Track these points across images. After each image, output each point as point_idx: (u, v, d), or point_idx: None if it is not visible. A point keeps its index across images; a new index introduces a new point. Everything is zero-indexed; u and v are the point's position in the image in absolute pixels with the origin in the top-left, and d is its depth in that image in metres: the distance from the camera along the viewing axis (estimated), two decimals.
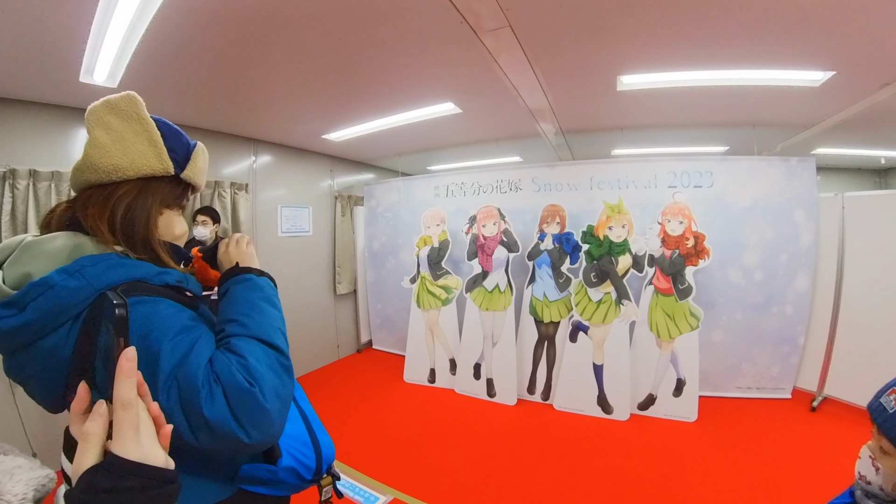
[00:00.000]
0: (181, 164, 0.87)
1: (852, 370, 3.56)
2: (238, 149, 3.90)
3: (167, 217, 0.88)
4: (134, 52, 2.04)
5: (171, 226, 0.89)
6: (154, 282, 0.76)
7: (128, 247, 0.80)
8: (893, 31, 2.04)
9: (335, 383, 4.25)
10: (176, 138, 0.88)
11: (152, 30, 1.86)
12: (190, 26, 1.91)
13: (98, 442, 0.42)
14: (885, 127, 3.87)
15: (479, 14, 1.84)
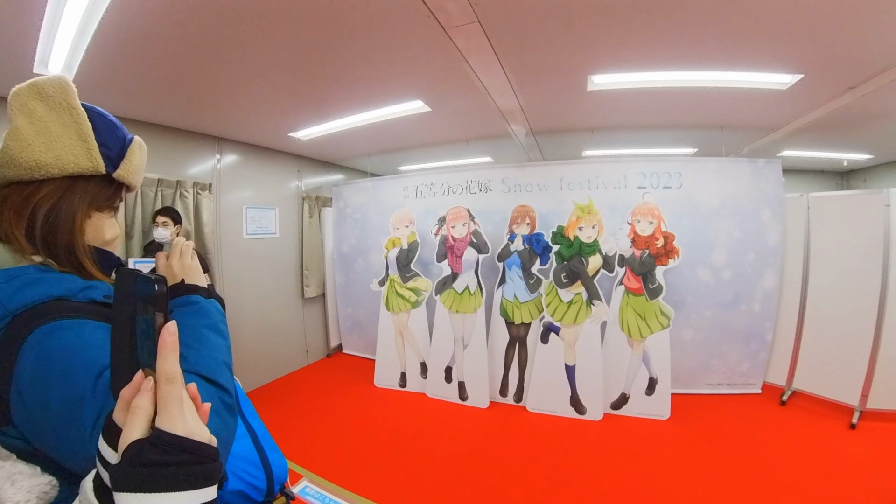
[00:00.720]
0: (114, 161, 0.76)
1: (819, 364, 3.64)
2: (201, 147, 3.72)
3: (96, 221, 0.77)
4: (90, 41, 1.89)
5: (100, 230, 0.78)
6: (78, 298, 0.66)
7: (49, 256, 0.69)
8: (860, 35, 2.05)
9: (304, 390, 4.12)
10: (110, 131, 0.76)
11: (109, 17, 1.72)
12: (149, 15, 1.78)
13: (146, 416, 0.43)
14: (848, 130, 3.96)
15: (447, 9, 1.77)
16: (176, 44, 2.05)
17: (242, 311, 3.98)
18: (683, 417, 3.47)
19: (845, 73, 2.54)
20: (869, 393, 3.32)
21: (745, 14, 1.90)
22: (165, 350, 0.44)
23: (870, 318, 3.30)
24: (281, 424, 3.39)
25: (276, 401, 3.85)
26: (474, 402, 3.71)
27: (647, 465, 2.85)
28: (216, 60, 2.26)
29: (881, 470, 2.73)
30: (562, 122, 3.67)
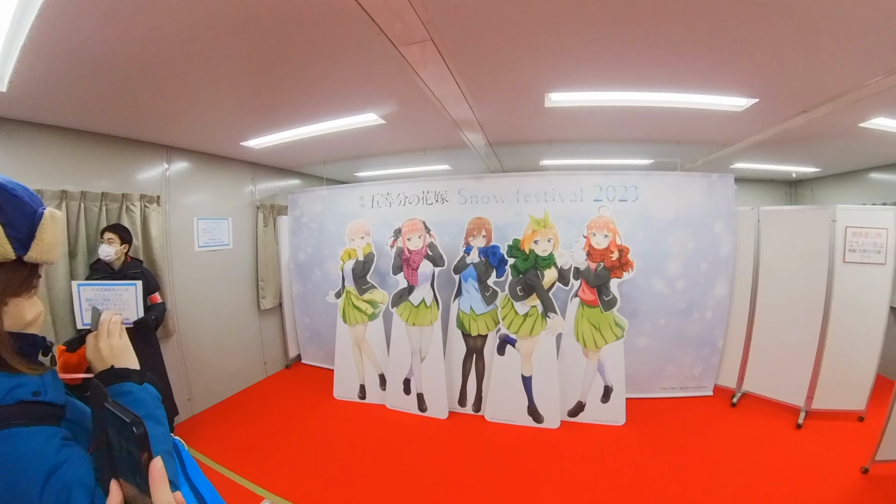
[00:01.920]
0: (24, 242, 0.67)
1: (768, 368, 3.82)
2: (149, 157, 3.49)
3: (13, 307, 0.68)
4: (22, 48, 1.72)
5: (20, 314, 0.70)
6: (5, 402, 0.61)
7: None
8: (813, 63, 2.11)
9: (264, 404, 4.00)
10: (16, 209, 0.67)
11: (42, 22, 1.56)
12: (86, 20, 1.62)
13: None
14: (798, 147, 4.10)
15: (398, 27, 1.70)
16: (119, 53, 1.90)
17: (197, 326, 3.81)
18: (639, 422, 3.58)
19: (798, 98, 2.61)
20: (814, 394, 3.51)
21: (703, 40, 1.91)
22: (158, 483, 0.49)
23: (815, 324, 3.48)
24: (240, 442, 3.30)
25: (234, 416, 3.73)
26: (434, 413, 3.69)
27: (604, 469, 2.95)
28: (163, 69, 2.12)
29: (826, 467, 2.90)
30: (519, 134, 3.65)
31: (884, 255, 3.39)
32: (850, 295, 3.41)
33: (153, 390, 0.83)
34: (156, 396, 0.83)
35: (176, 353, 3.57)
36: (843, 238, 3.41)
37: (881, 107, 2.76)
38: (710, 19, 1.72)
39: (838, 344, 3.42)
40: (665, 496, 2.63)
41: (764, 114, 2.89)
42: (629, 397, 3.65)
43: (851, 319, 3.41)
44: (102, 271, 2.79)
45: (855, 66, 2.09)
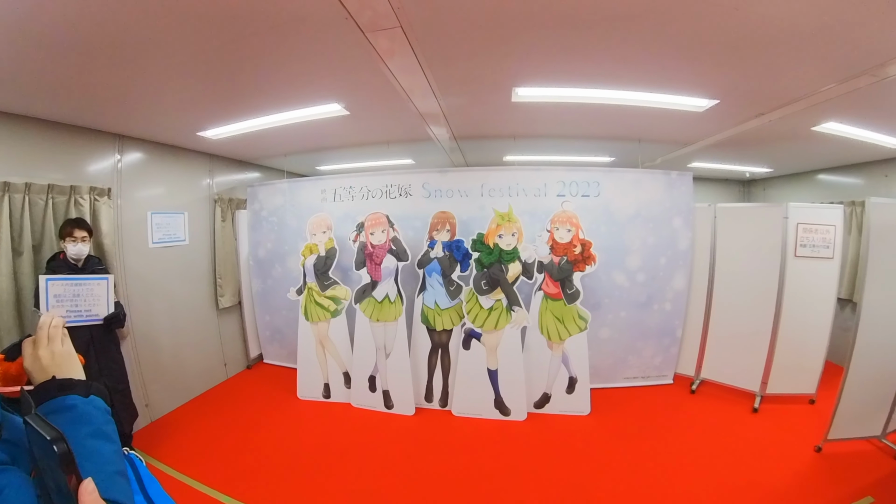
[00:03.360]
0: None
1: (724, 356, 4.01)
2: (99, 146, 3.25)
3: None
4: None
5: None
6: None
7: None
8: (771, 70, 2.20)
9: (225, 407, 3.82)
10: None
11: None
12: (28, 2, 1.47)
13: None
14: (753, 148, 4.27)
15: (367, 11, 1.62)
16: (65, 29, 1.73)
17: (153, 327, 3.60)
18: (603, 411, 3.67)
19: (756, 102, 2.72)
20: (768, 380, 3.71)
21: (669, 43, 1.95)
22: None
23: (768, 314, 3.67)
24: (201, 448, 3.14)
25: (195, 422, 3.53)
26: (400, 409, 3.65)
27: (571, 459, 3.02)
28: (114, 50, 1.96)
29: (782, 447, 3.07)
30: (485, 129, 3.64)
31: (832, 250, 3.63)
32: (801, 287, 3.63)
33: (101, 403, 0.74)
34: (105, 410, 0.75)
35: (130, 355, 3.35)
36: (794, 234, 3.62)
37: (833, 112, 2.91)
38: (678, 22, 1.75)
39: (790, 333, 3.64)
40: (630, 482, 2.72)
41: (723, 115, 2.99)
42: (593, 387, 3.74)
43: (802, 310, 3.63)
44: (65, 269, 2.60)
45: (810, 73, 2.20)
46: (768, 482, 2.67)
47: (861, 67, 2.05)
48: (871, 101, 2.56)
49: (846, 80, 2.21)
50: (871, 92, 2.32)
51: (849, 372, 2.80)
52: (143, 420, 3.39)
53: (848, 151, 4.13)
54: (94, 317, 2.55)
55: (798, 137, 3.61)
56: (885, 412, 2.99)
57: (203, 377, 4.18)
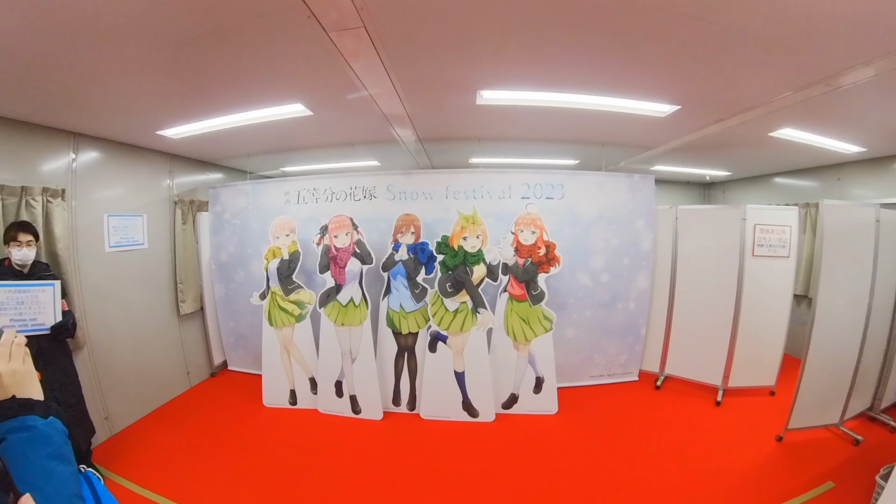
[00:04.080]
0: None
1: (687, 352, 4.14)
2: (53, 145, 3.07)
3: None
4: None
5: None
6: None
7: None
8: (731, 78, 2.28)
9: (188, 416, 3.68)
10: None
11: None
12: None
13: None
14: (713, 152, 4.42)
15: (329, 11, 1.60)
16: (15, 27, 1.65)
17: (111, 335, 3.43)
18: (571, 409, 3.74)
19: (716, 108, 2.82)
20: (730, 374, 3.87)
21: (632, 50, 1.99)
22: None
23: (728, 311, 3.82)
24: (164, 461, 3.01)
25: (157, 434, 3.38)
26: (368, 414, 3.61)
27: (541, 457, 3.06)
28: (69, 48, 1.86)
29: (745, 438, 3.21)
30: (450, 131, 3.64)
31: (788, 250, 3.82)
32: (759, 285, 3.79)
33: (60, 424, 0.73)
34: (62, 431, 0.74)
35: (87, 366, 3.19)
36: (752, 234, 3.78)
37: (789, 119, 3.04)
38: (642, 28, 1.78)
39: (749, 328, 3.81)
40: (599, 478, 2.78)
41: (684, 120, 3.08)
42: (560, 386, 3.80)
43: (760, 306, 3.80)
44: (10, 276, 2.44)
45: (768, 81, 2.29)
46: (733, 472, 2.79)
47: (816, 77, 2.15)
48: (824, 108, 2.68)
49: (802, 89, 2.32)
50: (825, 100, 2.44)
51: (806, 364, 2.95)
52: (103, 434, 3.23)
53: (803, 156, 4.33)
54: (39, 326, 2.43)
55: (756, 142, 3.77)
56: (841, 401, 3.18)
57: (165, 387, 4.01)
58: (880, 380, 3.40)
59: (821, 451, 2.99)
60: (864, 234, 3.07)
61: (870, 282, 3.08)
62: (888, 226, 3.13)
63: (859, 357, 3.11)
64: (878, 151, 3.92)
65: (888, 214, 3.14)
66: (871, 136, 3.43)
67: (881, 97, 2.46)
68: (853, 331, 3.08)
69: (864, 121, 3.02)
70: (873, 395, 3.42)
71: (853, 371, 3.12)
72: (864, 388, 3.29)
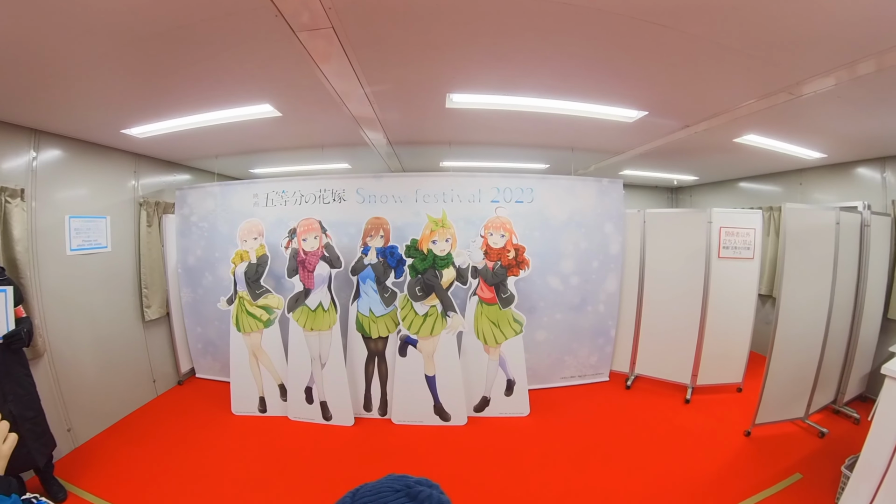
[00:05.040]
0: None
1: (656, 352, 4.25)
2: (11, 142, 2.94)
3: None
4: None
5: None
6: None
7: None
8: (697, 85, 2.35)
9: (155, 426, 3.56)
10: None
11: None
12: None
13: None
14: (680, 157, 4.54)
15: (298, 10, 1.58)
16: None
17: (73, 343, 3.31)
18: (542, 411, 3.77)
19: (683, 114, 2.90)
20: (698, 372, 3.97)
21: (601, 53, 2.01)
22: None
23: (695, 312, 3.93)
24: (131, 473, 2.90)
25: (123, 446, 3.25)
26: (339, 420, 3.57)
27: (513, 459, 3.08)
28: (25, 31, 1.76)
29: (715, 434, 3.30)
30: (420, 135, 3.65)
31: (752, 251, 3.95)
32: (725, 285, 3.91)
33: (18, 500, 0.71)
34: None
35: (48, 375, 3.05)
36: (718, 237, 3.90)
37: (753, 125, 3.13)
38: (609, 34, 1.82)
39: (716, 327, 3.92)
40: (571, 478, 2.81)
41: (652, 126, 3.15)
42: (531, 389, 3.84)
43: (726, 306, 3.92)
44: None
45: (733, 89, 2.36)
46: (703, 468, 2.86)
47: (779, 85, 2.23)
48: (787, 116, 2.78)
49: (766, 97, 2.40)
50: (788, 108, 2.53)
51: (771, 360, 3.07)
52: (66, 446, 3.09)
53: (767, 161, 4.49)
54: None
55: (722, 148, 3.88)
56: (806, 395, 3.33)
57: (131, 396, 3.87)
58: (843, 374, 3.56)
59: (788, 444, 3.11)
60: (825, 236, 3.22)
61: (831, 281, 3.23)
62: (847, 228, 3.29)
63: (822, 353, 3.26)
64: (838, 157, 4.09)
65: (847, 217, 3.30)
66: (832, 142, 3.57)
67: (841, 106, 2.58)
68: (816, 328, 3.23)
69: (825, 128, 3.15)
70: (837, 389, 3.58)
71: (817, 366, 3.27)
72: (827, 383, 3.45)
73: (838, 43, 1.74)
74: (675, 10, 1.59)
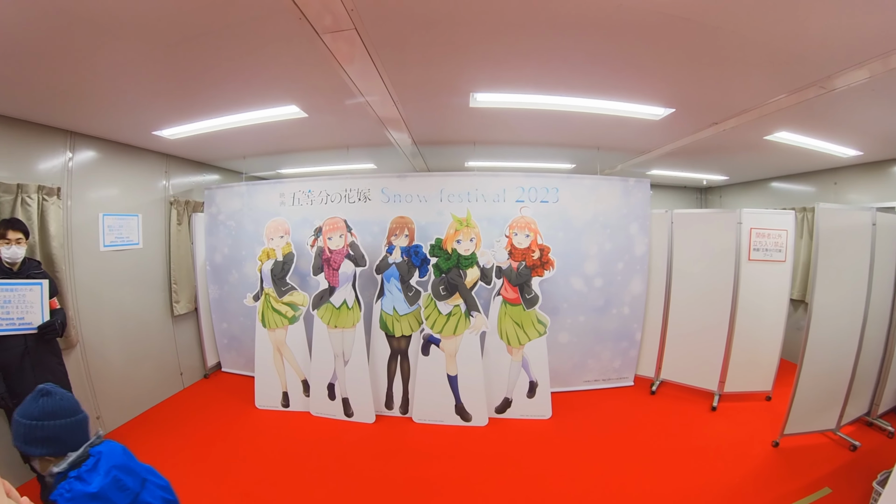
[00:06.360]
0: None
1: (682, 357, 4.11)
2: (49, 143, 3.08)
3: None
4: None
5: None
6: None
7: None
8: (725, 81, 2.29)
9: (181, 419, 3.67)
10: None
11: None
12: None
13: None
14: (709, 156, 4.42)
15: (320, 12, 1.60)
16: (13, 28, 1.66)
17: (104, 334, 3.44)
18: (564, 414, 3.71)
19: (711, 112, 2.82)
20: (725, 379, 3.83)
21: (626, 50, 1.98)
22: None
23: (724, 316, 3.80)
24: (156, 462, 2.86)
25: (149, 435, 3.37)
26: (360, 417, 3.60)
27: (533, 462, 3.04)
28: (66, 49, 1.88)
29: (741, 443, 3.18)
30: (445, 135, 3.65)
31: (784, 254, 3.80)
32: (755, 289, 3.78)
33: None
34: None
35: (80, 365, 3.19)
36: (748, 238, 3.77)
37: (784, 122, 3.03)
38: (633, 31, 1.78)
39: (745, 333, 3.79)
40: (592, 484, 2.76)
41: (679, 124, 3.08)
42: (554, 391, 3.78)
43: (756, 311, 3.79)
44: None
45: (761, 84, 2.29)
46: (728, 478, 2.76)
47: (809, 79, 2.15)
48: (820, 111, 2.69)
49: (795, 92, 2.31)
50: (820, 103, 2.44)
51: (802, 369, 2.93)
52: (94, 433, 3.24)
53: (799, 160, 4.33)
54: (26, 325, 2.43)
55: (752, 146, 3.76)
56: (838, 406, 3.16)
57: (158, 387, 4.01)
58: (877, 385, 3.38)
59: (817, 456, 2.97)
60: (861, 238, 3.06)
61: (866, 286, 3.06)
62: (885, 230, 3.12)
63: (856, 362, 3.10)
64: (874, 155, 3.92)
65: (884, 218, 3.13)
66: (868, 139, 3.42)
67: (877, 100, 2.46)
68: (850, 335, 3.07)
69: (861, 124, 3.02)
70: (870, 401, 3.40)
71: (850, 376, 3.11)
72: (861, 394, 3.28)
73: (871, 32, 1.65)
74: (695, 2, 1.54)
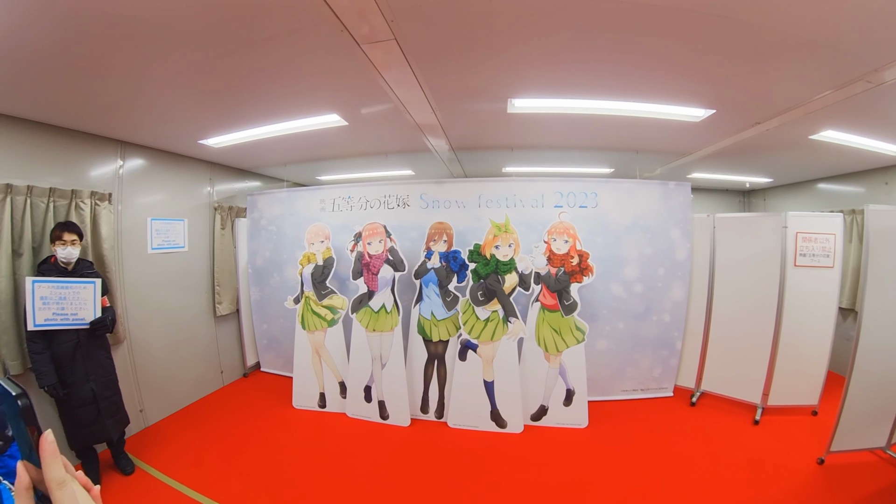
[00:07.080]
0: None
1: (724, 367, 3.95)
2: (101, 152, 3.29)
3: None
4: None
5: None
6: None
7: None
8: (767, 80, 2.22)
9: (221, 414, 3.81)
10: None
11: None
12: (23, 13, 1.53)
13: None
14: (752, 157, 4.26)
15: (361, 24, 1.66)
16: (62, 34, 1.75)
17: (149, 332, 3.62)
18: (601, 424, 3.63)
19: (753, 111, 2.72)
20: (769, 391, 3.66)
21: (664, 51, 1.95)
22: (48, 458, 0.47)
23: (768, 325, 3.63)
24: (195, 455, 3.13)
25: (190, 428, 3.53)
26: (395, 420, 3.62)
27: (569, 471, 2.98)
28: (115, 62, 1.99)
29: (784, 460, 3.03)
30: (482, 140, 3.65)
31: (832, 259, 3.59)
32: (801, 297, 3.59)
33: None
34: None
35: (126, 360, 3.38)
36: (794, 243, 3.59)
37: (830, 120, 2.89)
38: (671, 31, 1.75)
39: (791, 343, 3.60)
40: (629, 496, 2.68)
41: (720, 124, 2.99)
42: (591, 400, 3.71)
43: (803, 320, 3.59)
44: (55, 272, 2.60)
45: (805, 80, 2.20)
46: (769, 495, 2.64)
47: (855, 73, 2.05)
48: (867, 107, 2.55)
49: (841, 87, 2.21)
50: (868, 98, 2.31)
51: (851, 382, 2.76)
52: (137, 425, 3.42)
53: (847, 159, 4.11)
54: (80, 321, 2.62)
55: (797, 146, 3.60)
56: (888, 422, 2.95)
57: (199, 384, 4.18)
58: None
59: (865, 475, 2.80)
60: None
61: None
62: None
63: None
64: None
65: None
66: None
67: None
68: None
69: None
70: None
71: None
72: None
73: None
74: None
